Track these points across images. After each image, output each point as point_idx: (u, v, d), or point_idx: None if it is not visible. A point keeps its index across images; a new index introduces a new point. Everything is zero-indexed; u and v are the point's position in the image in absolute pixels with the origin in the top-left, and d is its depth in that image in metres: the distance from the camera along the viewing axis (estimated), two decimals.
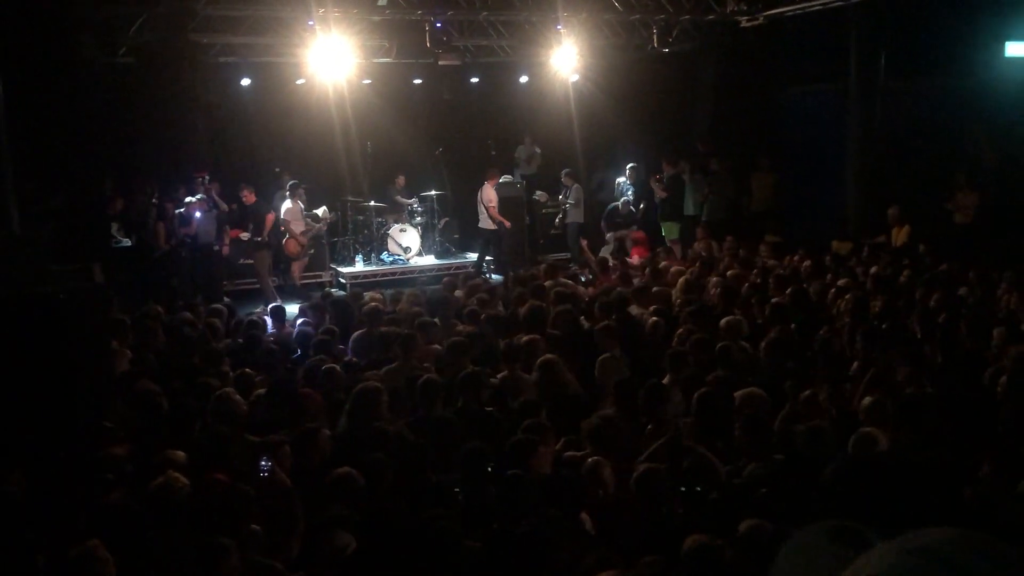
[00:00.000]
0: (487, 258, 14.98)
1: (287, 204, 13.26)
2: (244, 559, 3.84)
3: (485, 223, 14.42)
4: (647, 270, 10.95)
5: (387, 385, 6.13)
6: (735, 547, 3.60)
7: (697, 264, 10.98)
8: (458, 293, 10.20)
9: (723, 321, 7.67)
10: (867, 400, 5.60)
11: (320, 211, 14.05)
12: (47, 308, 5.63)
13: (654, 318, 8.10)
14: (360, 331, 8.26)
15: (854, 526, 0.95)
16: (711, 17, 14.49)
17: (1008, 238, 11.42)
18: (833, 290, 9.09)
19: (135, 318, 8.49)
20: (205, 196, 12.66)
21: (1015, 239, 11.34)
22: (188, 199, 12.54)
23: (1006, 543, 0.85)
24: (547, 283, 10.00)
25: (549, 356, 6.75)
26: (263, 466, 4.70)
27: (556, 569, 3.75)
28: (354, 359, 7.59)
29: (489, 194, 14.28)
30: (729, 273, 10.27)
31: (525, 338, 7.31)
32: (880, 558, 0.86)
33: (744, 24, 14.37)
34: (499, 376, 6.76)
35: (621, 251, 14.05)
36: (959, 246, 11.26)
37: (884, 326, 7.50)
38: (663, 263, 11.36)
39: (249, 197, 12.84)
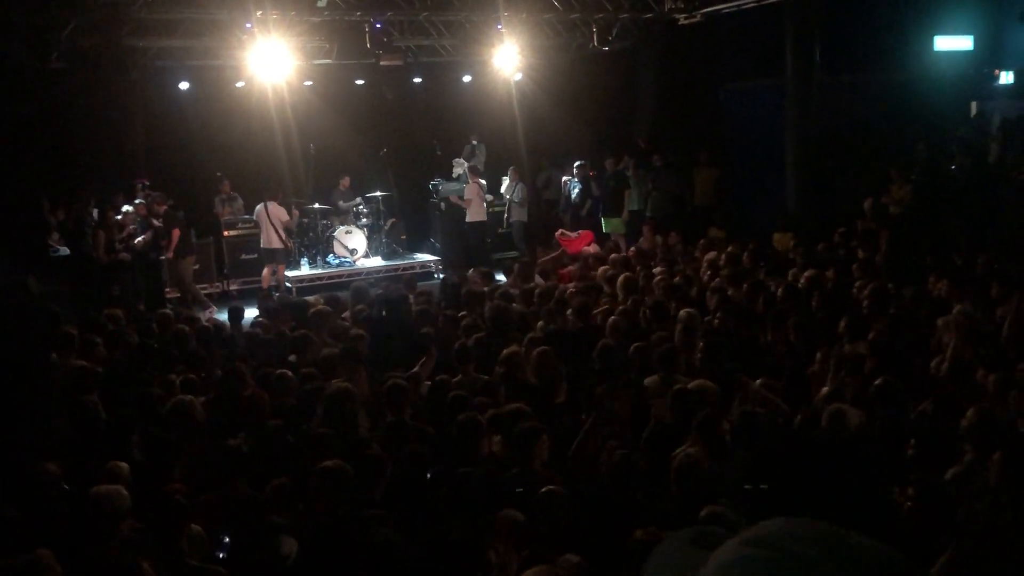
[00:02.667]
0: (434, 259, 14.97)
1: (273, 207, 12.98)
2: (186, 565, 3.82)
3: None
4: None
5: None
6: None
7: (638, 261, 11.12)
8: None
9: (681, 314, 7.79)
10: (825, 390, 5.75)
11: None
12: None
13: (613, 317, 8.14)
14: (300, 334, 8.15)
15: (713, 529, 0.99)
16: (649, 15, 14.65)
17: (940, 228, 11.74)
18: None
19: (82, 327, 8.31)
20: (144, 202, 12.43)
21: (947, 228, 11.68)
22: (126, 207, 12.29)
23: (839, 529, 0.88)
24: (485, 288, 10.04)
25: (513, 349, 6.77)
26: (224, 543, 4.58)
27: (490, 569, 3.79)
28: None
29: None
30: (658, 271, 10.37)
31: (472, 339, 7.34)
32: (722, 551, 0.90)
33: (682, 22, 14.56)
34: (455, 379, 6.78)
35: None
36: (896, 237, 11.53)
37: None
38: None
39: (159, 206, 12.36)
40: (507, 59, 14.53)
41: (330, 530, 4.15)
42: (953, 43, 15.67)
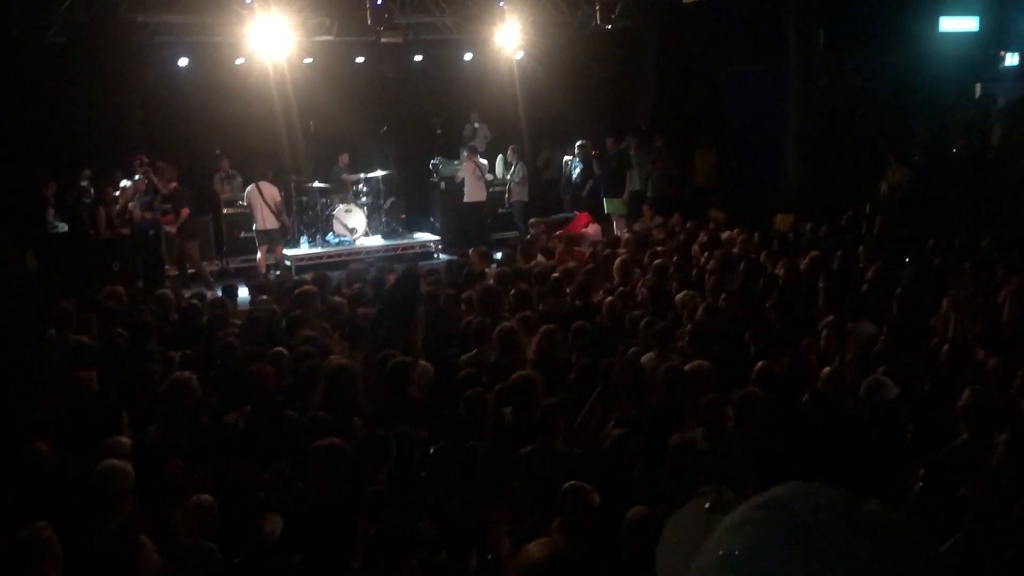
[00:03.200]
0: (433, 239, 14.94)
1: (266, 186, 12.86)
2: (177, 544, 3.82)
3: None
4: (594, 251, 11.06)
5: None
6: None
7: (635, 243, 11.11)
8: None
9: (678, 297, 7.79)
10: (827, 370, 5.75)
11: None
12: None
13: (609, 298, 8.14)
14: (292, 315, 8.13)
15: (730, 496, 0.99)
16: None
17: (940, 210, 11.70)
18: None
19: (82, 303, 8.29)
20: (143, 178, 12.38)
21: (947, 210, 11.65)
22: (124, 183, 12.23)
23: (852, 495, 0.89)
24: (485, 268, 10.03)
25: (506, 324, 6.77)
26: None
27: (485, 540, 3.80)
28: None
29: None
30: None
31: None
32: (734, 514, 0.91)
33: (685, 1, 14.45)
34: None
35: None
36: (894, 220, 11.51)
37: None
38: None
39: (169, 184, 12.34)
40: (509, 37, 14.44)
41: (321, 509, 4.14)
42: (958, 24, 15.53)
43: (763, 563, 0.84)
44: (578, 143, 15.36)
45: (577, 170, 15.37)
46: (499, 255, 11.46)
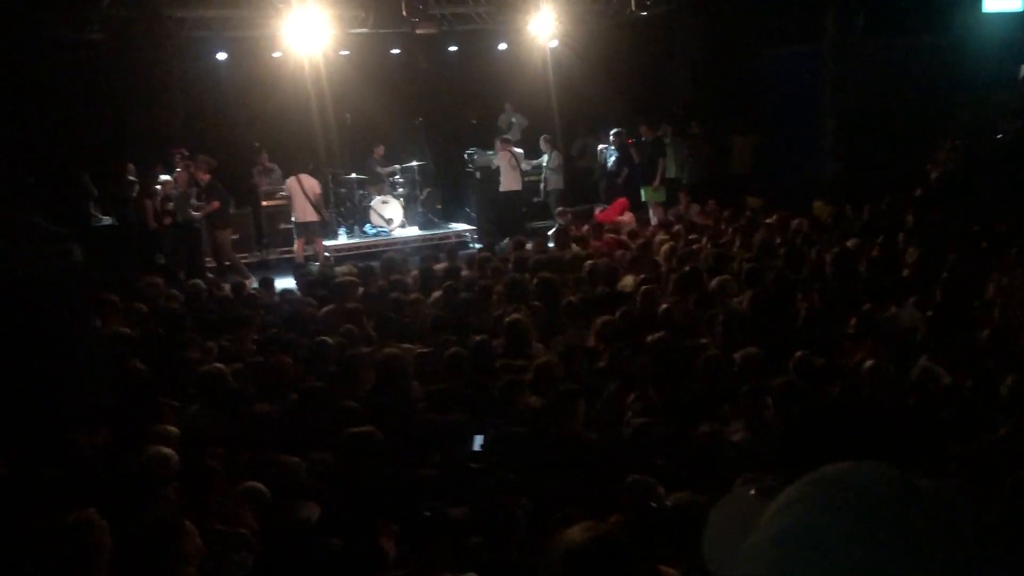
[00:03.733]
0: (469, 228, 14.98)
1: (307, 179, 13.00)
2: (214, 531, 3.89)
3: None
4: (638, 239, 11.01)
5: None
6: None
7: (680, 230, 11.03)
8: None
9: (714, 282, 7.74)
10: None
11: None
12: (24, 287, 5.60)
13: (644, 287, 8.11)
14: (329, 307, 8.23)
15: (776, 483, 0.99)
16: None
17: (985, 195, 11.48)
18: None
19: (125, 295, 8.45)
20: (183, 171, 12.55)
21: (992, 195, 11.42)
22: (164, 177, 12.41)
23: (903, 471, 0.89)
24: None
25: (516, 316, 6.78)
26: None
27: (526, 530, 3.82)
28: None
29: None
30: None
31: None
32: (786, 494, 0.91)
33: None
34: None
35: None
36: (940, 205, 11.31)
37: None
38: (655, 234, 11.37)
39: (202, 175, 12.45)
40: (543, 26, 14.40)
41: (359, 497, 4.20)
42: (1002, 3, 15.18)
43: (819, 539, 0.85)
44: (613, 131, 15.28)
45: (612, 158, 15.30)
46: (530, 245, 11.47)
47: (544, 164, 15.19)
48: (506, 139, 14.88)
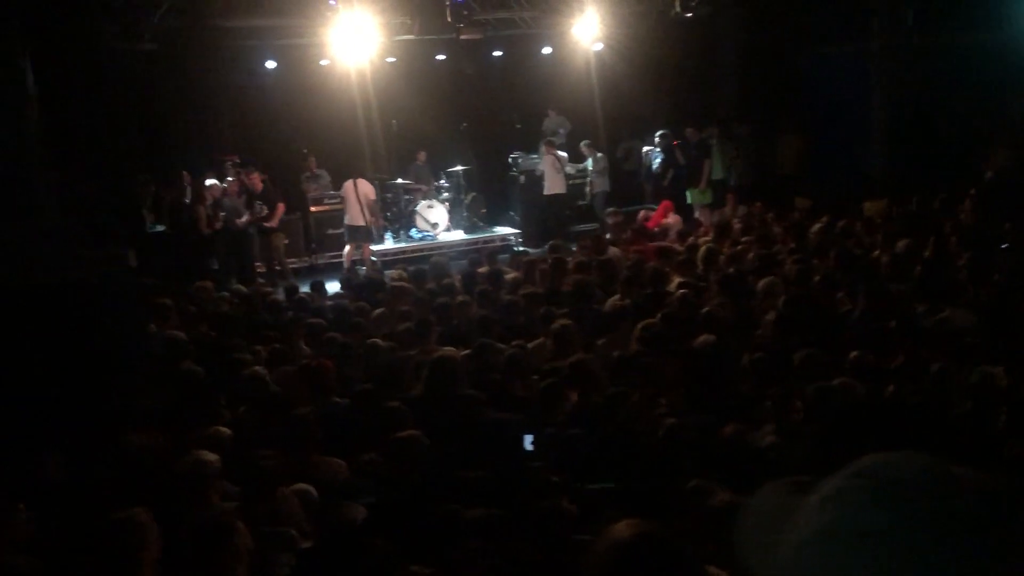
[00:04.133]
0: (514, 232, 15.01)
1: (362, 183, 13.16)
2: (260, 531, 3.95)
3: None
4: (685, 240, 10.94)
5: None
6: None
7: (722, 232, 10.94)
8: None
9: (761, 284, 7.66)
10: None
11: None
12: (81, 292, 5.75)
13: (682, 290, 8.05)
14: (381, 310, 8.32)
15: (811, 480, 0.98)
16: None
17: None
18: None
19: (179, 299, 8.63)
20: (235, 179, 12.78)
21: None
22: (211, 181, 12.63)
23: (942, 461, 0.88)
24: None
25: (564, 322, 6.78)
26: None
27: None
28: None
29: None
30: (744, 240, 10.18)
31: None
32: (823, 487, 0.91)
33: None
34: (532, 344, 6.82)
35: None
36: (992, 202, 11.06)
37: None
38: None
39: (256, 183, 12.68)
40: (587, 29, 14.40)
41: (407, 497, 4.24)
42: None
43: (864, 530, 0.84)
44: (659, 133, 15.21)
45: (657, 160, 15.22)
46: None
47: (588, 167, 15.17)
48: (550, 141, 14.88)
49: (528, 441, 4.95)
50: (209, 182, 12.65)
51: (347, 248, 13.27)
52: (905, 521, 0.83)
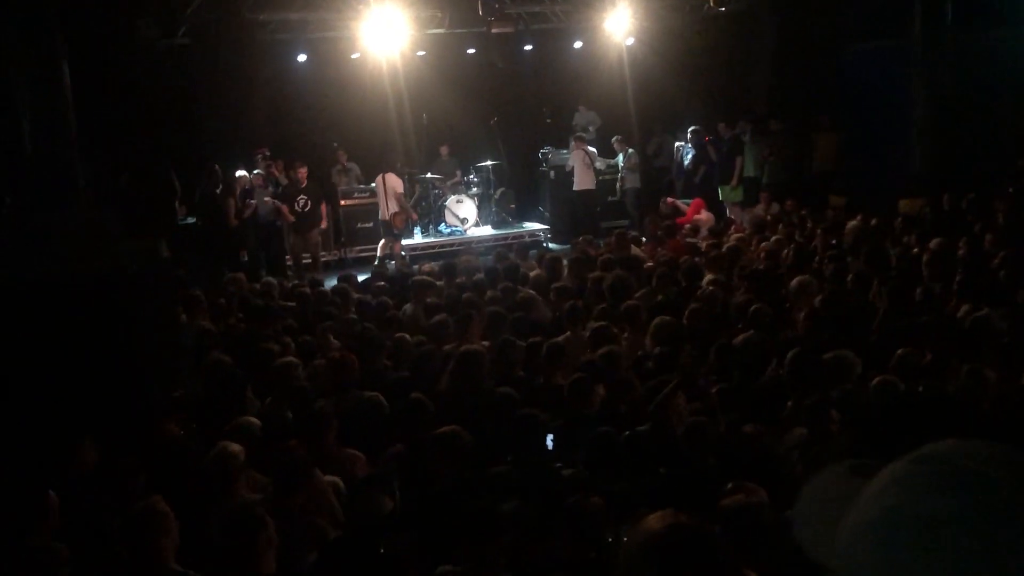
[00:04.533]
0: (543, 228, 14.96)
1: (391, 178, 13.21)
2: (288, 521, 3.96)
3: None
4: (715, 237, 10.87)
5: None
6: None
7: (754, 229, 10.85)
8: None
9: (794, 282, 7.58)
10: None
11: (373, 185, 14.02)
12: (117, 283, 5.79)
13: (711, 287, 7.98)
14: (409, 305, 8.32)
15: (872, 462, 0.96)
16: None
17: None
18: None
19: (209, 292, 8.70)
20: (264, 172, 12.85)
21: None
22: (240, 173, 12.71)
23: (1015, 449, 0.85)
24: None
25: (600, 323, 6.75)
26: None
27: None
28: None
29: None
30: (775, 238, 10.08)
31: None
32: (889, 471, 0.89)
33: None
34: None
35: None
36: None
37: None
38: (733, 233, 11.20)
39: (303, 176, 12.83)
40: (619, 23, 14.31)
41: (439, 491, 4.23)
42: None
43: (931, 515, 0.82)
44: (691, 128, 15.08)
45: (689, 156, 15.10)
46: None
47: (619, 163, 15.08)
48: (580, 136, 14.82)
49: (549, 440, 4.95)
50: (238, 173, 12.73)
51: (381, 242, 13.31)
52: (972, 507, 0.81)
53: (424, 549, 3.84)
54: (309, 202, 12.70)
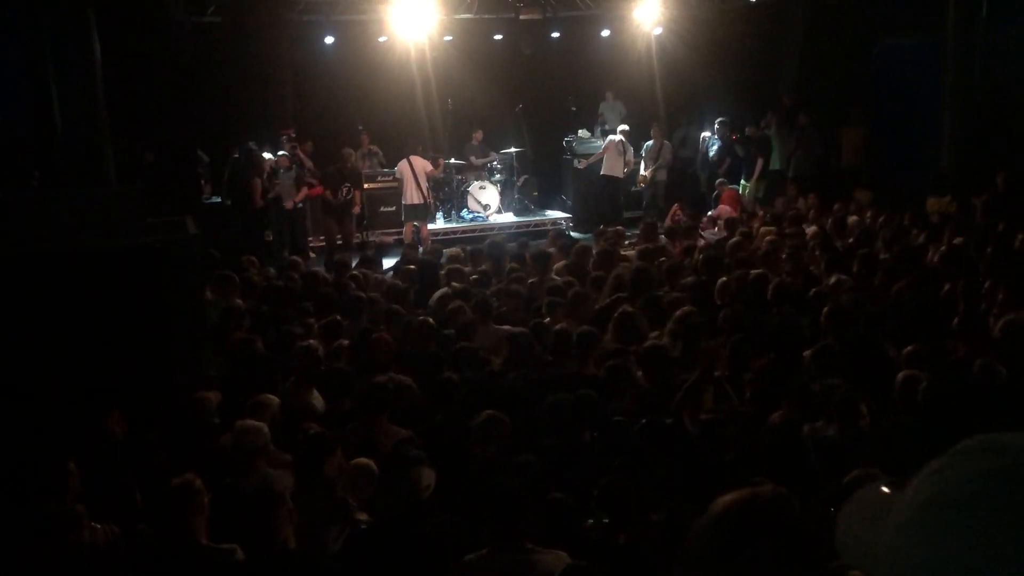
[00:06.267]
0: (565, 216, 14.93)
1: (417, 160, 13.22)
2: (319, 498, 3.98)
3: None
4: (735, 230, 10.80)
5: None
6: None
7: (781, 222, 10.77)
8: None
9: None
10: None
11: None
12: (144, 258, 5.83)
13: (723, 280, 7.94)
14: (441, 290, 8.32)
15: (910, 477, 0.96)
16: None
17: None
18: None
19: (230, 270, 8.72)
20: (288, 154, 12.87)
21: None
22: (266, 155, 12.75)
23: None
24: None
25: (627, 308, 6.73)
26: None
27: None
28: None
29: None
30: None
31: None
32: (928, 467, 0.89)
33: None
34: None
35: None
36: None
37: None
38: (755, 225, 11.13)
39: (349, 160, 12.95)
40: (648, 12, 14.22)
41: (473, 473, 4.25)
42: None
43: (968, 499, 0.82)
44: (718, 120, 14.98)
45: (715, 148, 15.01)
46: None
47: (644, 151, 14.98)
48: (623, 129, 14.71)
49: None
50: (264, 155, 12.78)
51: (406, 227, 13.33)
52: (1010, 489, 0.80)
53: (457, 532, 3.86)
54: (352, 189, 12.76)
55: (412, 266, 9.37)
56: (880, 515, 0.93)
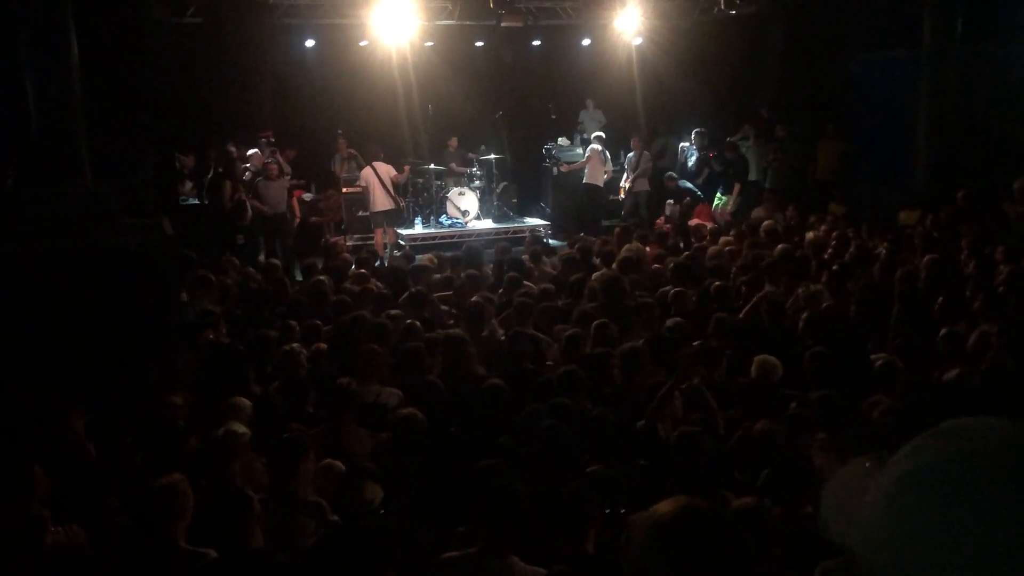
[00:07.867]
0: (543, 223, 14.97)
1: (380, 166, 13.18)
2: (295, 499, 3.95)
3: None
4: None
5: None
6: None
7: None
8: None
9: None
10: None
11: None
12: (119, 259, 5.79)
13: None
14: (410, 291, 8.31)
15: (891, 455, 1.00)
16: None
17: None
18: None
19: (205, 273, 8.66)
20: (273, 160, 12.75)
21: None
22: (251, 151, 12.67)
23: (1016, 421, 0.91)
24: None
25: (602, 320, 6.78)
26: None
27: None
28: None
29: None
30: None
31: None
32: (907, 446, 0.94)
33: None
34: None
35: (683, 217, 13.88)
36: None
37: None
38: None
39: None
40: (629, 22, 14.31)
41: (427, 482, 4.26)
42: None
43: (941, 481, 0.87)
44: (695, 131, 15.09)
45: (693, 158, 15.10)
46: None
47: (626, 162, 15.06)
48: (600, 137, 14.76)
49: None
50: (250, 152, 12.72)
51: (376, 236, 13.31)
52: (987, 477, 0.85)
53: (433, 532, 3.87)
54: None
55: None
56: (862, 489, 0.98)
